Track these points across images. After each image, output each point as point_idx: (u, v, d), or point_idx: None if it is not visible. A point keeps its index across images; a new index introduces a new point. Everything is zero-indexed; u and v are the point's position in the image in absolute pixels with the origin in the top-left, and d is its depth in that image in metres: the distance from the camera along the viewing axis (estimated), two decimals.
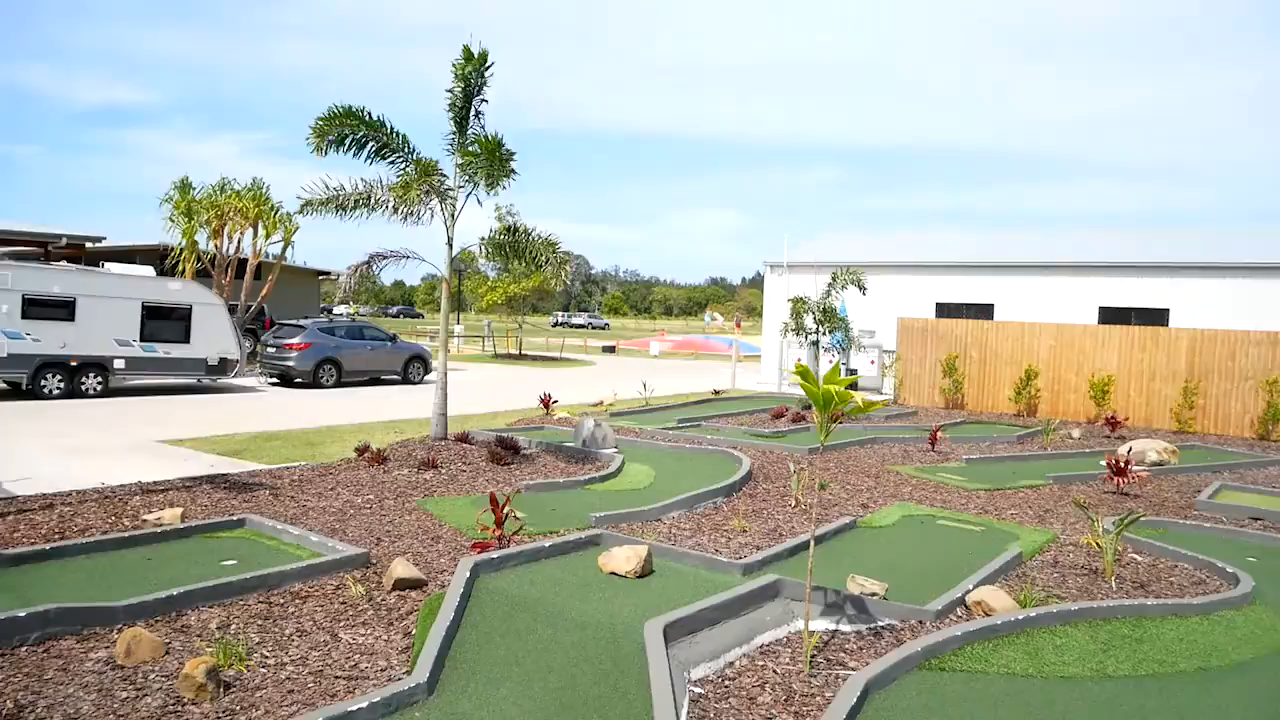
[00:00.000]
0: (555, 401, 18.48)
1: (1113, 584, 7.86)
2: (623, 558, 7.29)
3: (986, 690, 5.52)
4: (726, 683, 5.60)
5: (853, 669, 5.72)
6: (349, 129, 12.16)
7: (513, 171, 12.49)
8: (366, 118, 12.17)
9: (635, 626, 6.02)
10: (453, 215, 12.73)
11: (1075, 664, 5.98)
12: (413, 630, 6.18)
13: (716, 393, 23.73)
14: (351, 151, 12.27)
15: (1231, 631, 6.79)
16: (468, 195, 12.88)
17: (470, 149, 12.43)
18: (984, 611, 6.82)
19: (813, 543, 6.24)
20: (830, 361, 25.82)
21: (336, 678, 5.43)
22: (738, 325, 36.78)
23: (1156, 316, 26.70)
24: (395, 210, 12.31)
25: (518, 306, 41.89)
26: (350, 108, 12.09)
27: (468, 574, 6.86)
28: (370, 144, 12.35)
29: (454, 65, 12.39)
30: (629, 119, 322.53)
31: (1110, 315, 27.11)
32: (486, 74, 12.49)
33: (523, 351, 42.22)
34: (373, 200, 12.31)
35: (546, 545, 7.80)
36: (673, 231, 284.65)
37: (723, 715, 5.14)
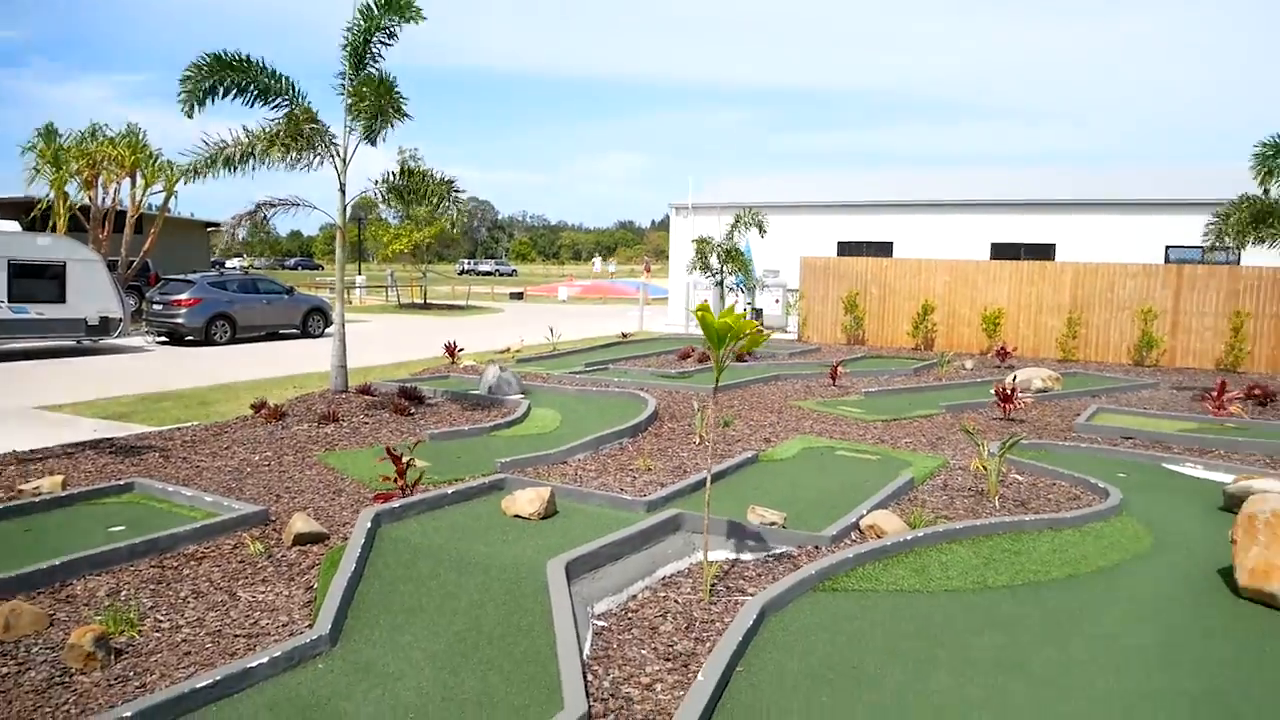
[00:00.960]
0: (461, 350, 18.33)
1: (996, 503, 8.26)
2: (526, 500, 7.36)
3: (876, 606, 5.79)
4: (629, 614, 5.73)
5: (751, 595, 5.92)
6: (225, 77, 11.61)
7: (404, 113, 12.18)
8: (243, 63, 11.63)
9: (539, 566, 6.10)
10: (343, 160, 12.39)
11: (959, 578, 6.31)
12: (315, 585, 6.14)
13: (624, 336, 23.84)
14: (231, 97, 11.74)
15: (1099, 541, 7.23)
16: (359, 140, 12.54)
17: (359, 90, 12.07)
18: (876, 534, 7.11)
19: (709, 480, 6.39)
20: (735, 301, 26.18)
21: (236, 636, 5.37)
22: (646, 269, 36.89)
23: (1044, 251, 27.70)
24: (282, 158, 11.88)
25: (422, 255, 41.16)
26: (223, 54, 11.52)
27: (369, 524, 6.82)
28: (252, 89, 11.84)
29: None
30: (537, 61, 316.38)
31: (1001, 251, 28.02)
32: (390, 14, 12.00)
33: (428, 301, 41.59)
34: (257, 151, 11.82)
35: (450, 492, 7.81)
36: (581, 175, 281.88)
37: (626, 645, 5.27)
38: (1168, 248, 26.69)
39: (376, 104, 11.84)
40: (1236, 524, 6.43)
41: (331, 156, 12.36)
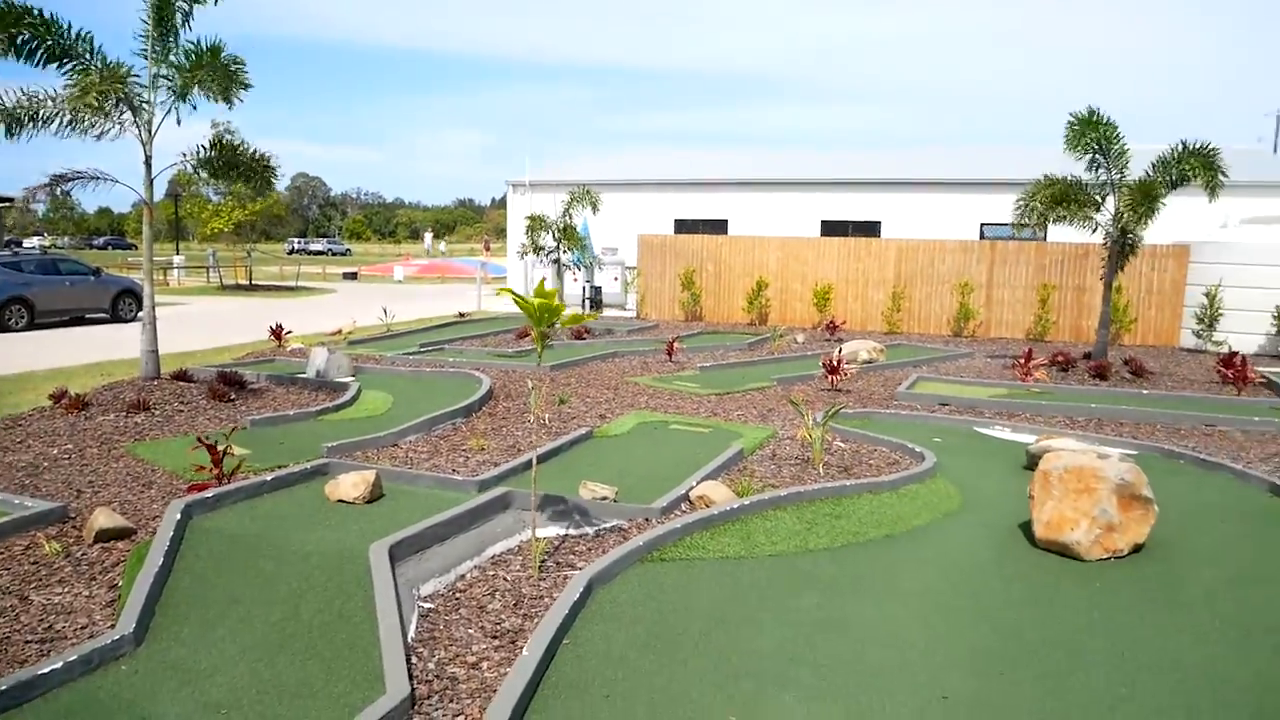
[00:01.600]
0: (289, 333, 17.56)
1: (820, 470, 8.57)
2: (350, 484, 7.11)
3: (702, 573, 5.90)
4: (458, 594, 5.63)
5: (580, 569, 5.92)
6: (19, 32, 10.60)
7: (244, 83, 11.49)
8: (33, 16, 10.62)
9: (362, 551, 5.91)
10: (149, 130, 11.58)
11: (782, 542, 6.51)
12: (119, 583, 5.74)
13: (461, 315, 23.44)
14: (17, 58, 10.73)
15: (915, 501, 7.62)
16: (168, 108, 11.74)
17: (174, 60, 11.29)
18: (705, 504, 7.24)
19: (535, 461, 6.35)
20: (574, 280, 26.14)
21: (27, 643, 4.96)
22: (486, 247, 36.38)
23: (871, 229, 28.94)
24: (74, 124, 10.95)
25: (246, 234, 39.16)
26: (9, 3, 10.50)
27: (178, 516, 6.44)
28: (42, 49, 10.86)
29: None
30: (369, 30, 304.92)
31: (831, 228, 29.10)
32: None
33: (254, 282, 39.64)
34: (40, 115, 10.84)
35: (269, 479, 7.46)
36: (418, 152, 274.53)
37: (453, 626, 5.18)
38: (982, 225, 28.38)
39: (211, 73, 11.07)
40: (1033, 480, 6.89)
41: (136, 126, 11.51)
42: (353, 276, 47.83)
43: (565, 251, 19.98)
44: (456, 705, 4.33)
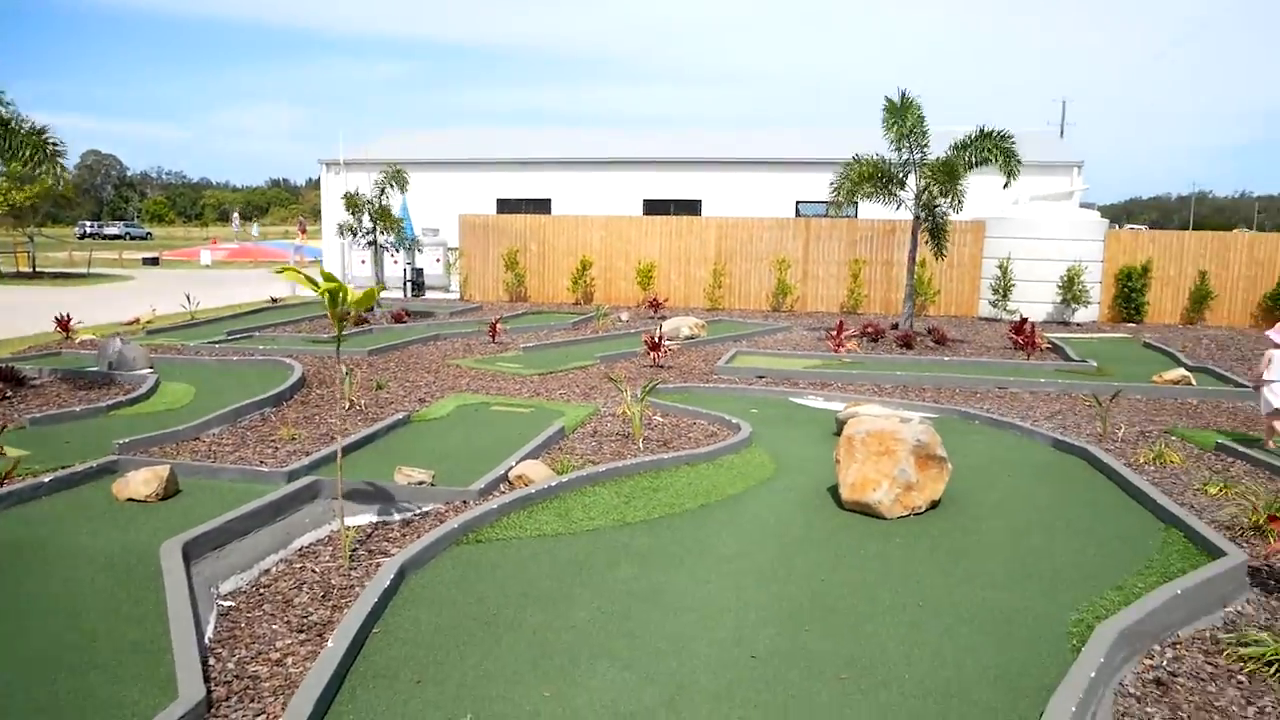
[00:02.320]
0: (78, 323, 16.23)
1: (640, 445, 8.68)
2: (140, 481, 6.65)
3: (519, 552, 5.86)
4: (262, 590, 5.37)
5: (394, 555, 5.75)
6: None
7: None
8: None
9: (154, 550, 5.54)
10: None
11: (600, 517, 6.55)
12: None
13: (274, 301, 22.36)
14: None
15: (730, 471, 7.83)
16: None
17: None
18: (524, 483, 7.19)
19: (340, 445, 6.12)
20: (395, 262, 25.40)
21: None
22: (302, 230, 34.84)
23: (692, 207, 29.47)
24: None
25: (27, 217, 35.95)
26: None
27: None
28: None
29: None
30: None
31: (654, 207, 29.46)
32: None
33: (37, 269, 36.44)
34: None
35: (47, 481, 6.87)
36: (226, 129, 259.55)
37: (256, 622, 4.93)
38: (798, 203, 29.40)
39: None
40: (839, 446, 7.19)
41: None
42: (154, 262, 44.74)
43: (383, 233, 19.35)
44: (258, 704, 4.12)
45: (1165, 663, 4.68)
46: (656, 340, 13.37)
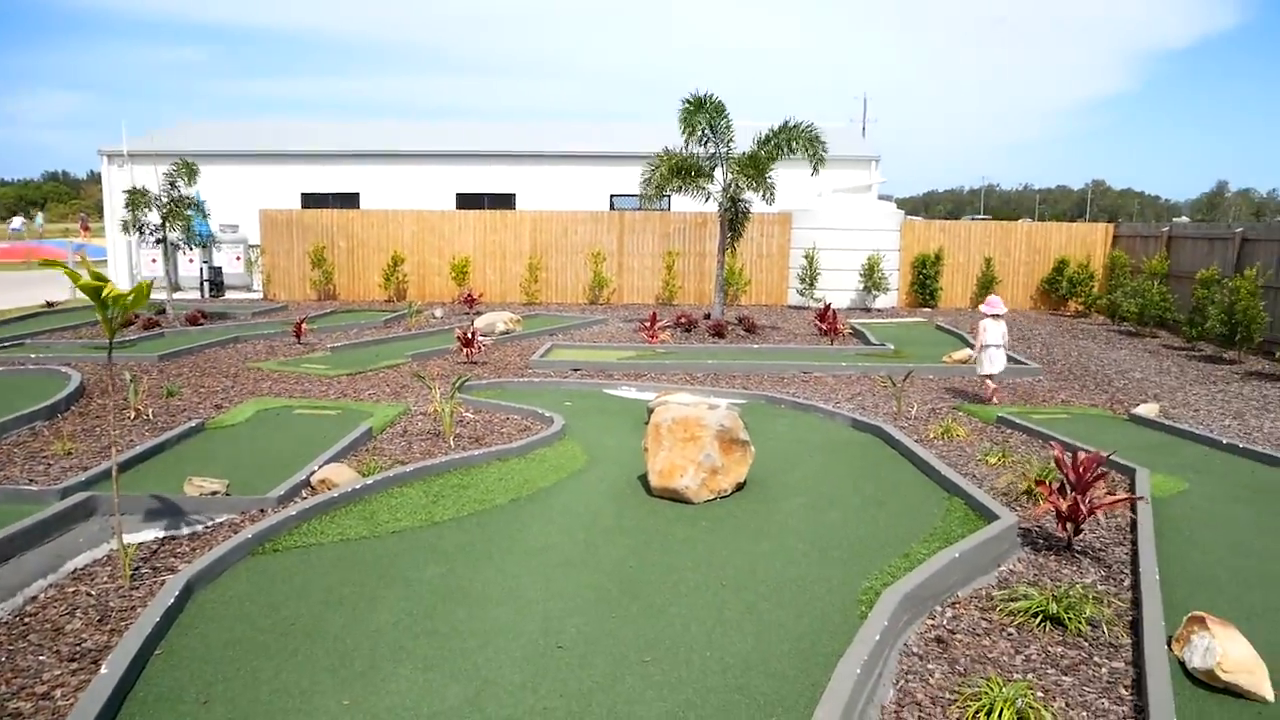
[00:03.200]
0: None
1: (451, 442, 8.52)
2: None
3: (320, 559, 5.63)
4: (27, 620, 4.92)
5: (181, 571, 5.40)
6: None
7: None
8: None
9: None
10: None
11: (407, 518, 6.38)
12: None
13: (50, 305, 20.60)
14: None
15: (542, 464, 7.81)
16: None
17: None
18: (327, 487, 6.92)
19: (115, 458, 5.70)
20: (191, 261, 23.93)
21: None
22: (84, 227, 32.25)
23: (506, 201, 29.19)
24: None
25: None
26: None
27: None
28: None
29: None
30: None
31: (467, 201, 28.98)
32: None
33: None
34: None
35: None
36: None
37: (19, 655, 4.51)
38: (613, 196, 29.65)
39: None
40: (647, 434, 7.30)
41: None
42: None
43: (173, 229, 18.11)
44: None
45: (945, 621, 5.01)
46: (470, 336, 13.18)
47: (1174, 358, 15.15)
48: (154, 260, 23.58)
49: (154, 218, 17.94)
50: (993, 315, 10.94)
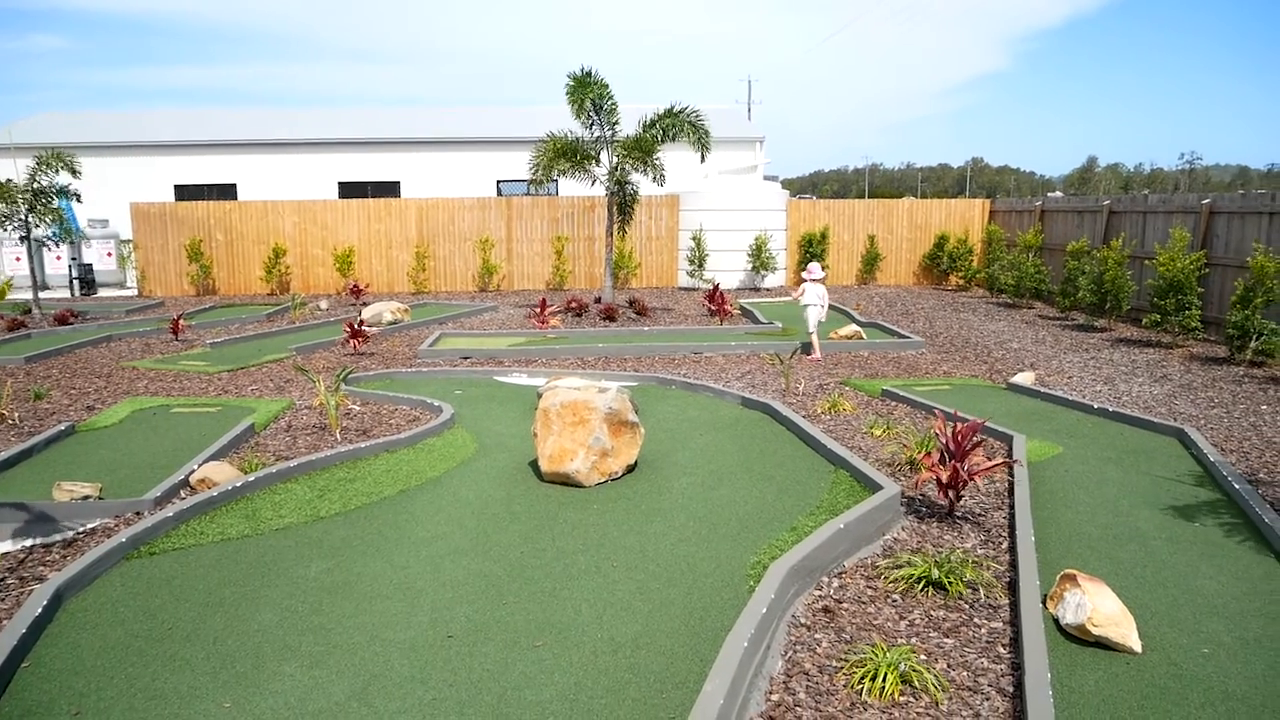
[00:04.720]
0: None
1: (338, 435, 8.36)
2: None
3: (199, 560, 5.47)
4: None
5: (49, 580, 5.18)
6: None
7: None
8: None
9: None
10: None
11: (291, 514, 6.25)
12: None
13: None
14: None
15: (432, 454, 7.74)
16: None
17: None
18: (207, 487, 6.72)
19: None
20: (59, 259, 22.78)
21: None
22: None
23: (390, 189, 28.68)
24: None
25: None
26: None
27: None
28: None
29: None
30: None
31: (350, 190, 28.37)
32: None
33: None
34: None
35: None
36: None
37: None
38: (499, 182, 29.42)
39: None
40: (536, 419, 7.30)
41: None
42: None
43: (38, 225, 17.18)
44: None
45: (832, 592, 5.18)
46: (357, 327, 12.91)
47: (1049, 328, 15.90)
48: (18, 259, 22.38)
49: (20, 212, 16.93)
50: (811, 280, 12.53)
